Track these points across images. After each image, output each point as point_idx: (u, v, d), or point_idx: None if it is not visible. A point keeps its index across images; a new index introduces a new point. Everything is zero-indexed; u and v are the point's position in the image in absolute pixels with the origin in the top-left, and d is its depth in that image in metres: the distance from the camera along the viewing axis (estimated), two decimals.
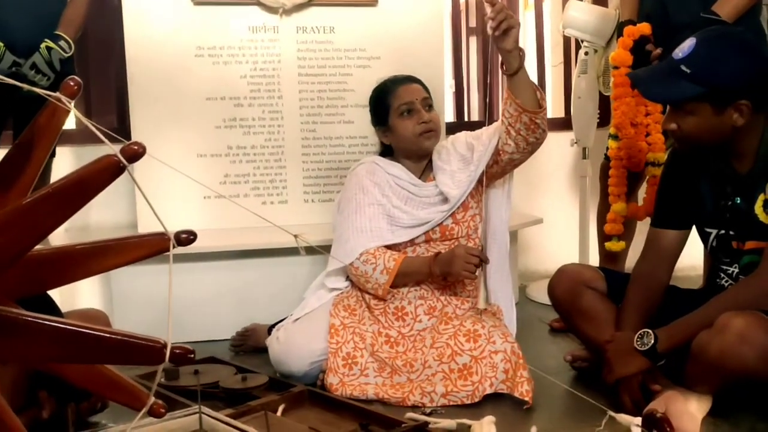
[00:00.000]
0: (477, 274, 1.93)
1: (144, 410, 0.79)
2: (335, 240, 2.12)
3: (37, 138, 0.84)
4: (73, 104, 0.86)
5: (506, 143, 1.98)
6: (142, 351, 0.75)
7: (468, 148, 2.08)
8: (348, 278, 2.12)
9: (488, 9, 1.80)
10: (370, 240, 2.02)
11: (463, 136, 2.13)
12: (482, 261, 1.91)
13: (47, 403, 1.58)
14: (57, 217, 0.79)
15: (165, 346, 0.73)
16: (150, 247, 0.85)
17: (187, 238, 0.84)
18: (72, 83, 0.85)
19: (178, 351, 0.74)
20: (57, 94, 0.83)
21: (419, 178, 2.12)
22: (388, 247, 2.03)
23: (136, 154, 0.77)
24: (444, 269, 1.94)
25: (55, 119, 0.85)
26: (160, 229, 0.85)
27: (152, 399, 0.79)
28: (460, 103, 3.69)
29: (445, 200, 2.05)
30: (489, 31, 1.81)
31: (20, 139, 0.85)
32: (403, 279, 1.99)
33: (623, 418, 1.48)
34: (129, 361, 0.77)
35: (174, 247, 0.83)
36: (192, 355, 0.75)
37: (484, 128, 2.10)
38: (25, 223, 0.76)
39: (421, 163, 2.13)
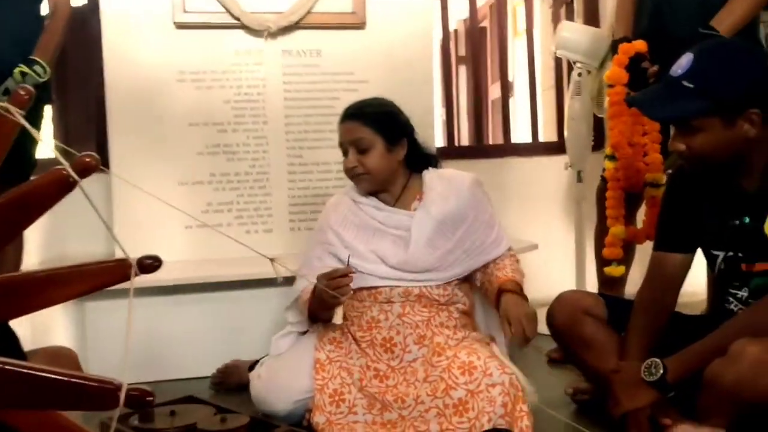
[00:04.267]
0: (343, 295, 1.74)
1: None
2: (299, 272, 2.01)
3: None
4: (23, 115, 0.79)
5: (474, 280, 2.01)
6: (93, 394, 0.65)
7: (454, 223, 1.94)
8: None
9: (507, 331, 1.78)
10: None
11: (467, 192, 1.97)
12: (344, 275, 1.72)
13: None
14: (3, 233, 0.71)
15: (119, 388, 0.63)
16: (111, 275, 0.78)
17: (151, 264, 0.77)
18: (23, 92, 0.80)
19: (134, 393, 0.64)
20: (5, 104, 0.77)
21: (394, 204, 2.00)
22: (356, 291, 1.88)
23: (88, 167, 0.69)
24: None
25: (4, 130, 0.78)
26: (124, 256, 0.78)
27: None
28: (451, 129, 3.66)
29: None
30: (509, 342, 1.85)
31: None
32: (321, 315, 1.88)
33: None
34: (79, 406, 0.67)
35: (137, 274, 0.76)
36: (151, 398, 0.64)
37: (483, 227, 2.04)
38: None
39: (392, 190, 1.99)
